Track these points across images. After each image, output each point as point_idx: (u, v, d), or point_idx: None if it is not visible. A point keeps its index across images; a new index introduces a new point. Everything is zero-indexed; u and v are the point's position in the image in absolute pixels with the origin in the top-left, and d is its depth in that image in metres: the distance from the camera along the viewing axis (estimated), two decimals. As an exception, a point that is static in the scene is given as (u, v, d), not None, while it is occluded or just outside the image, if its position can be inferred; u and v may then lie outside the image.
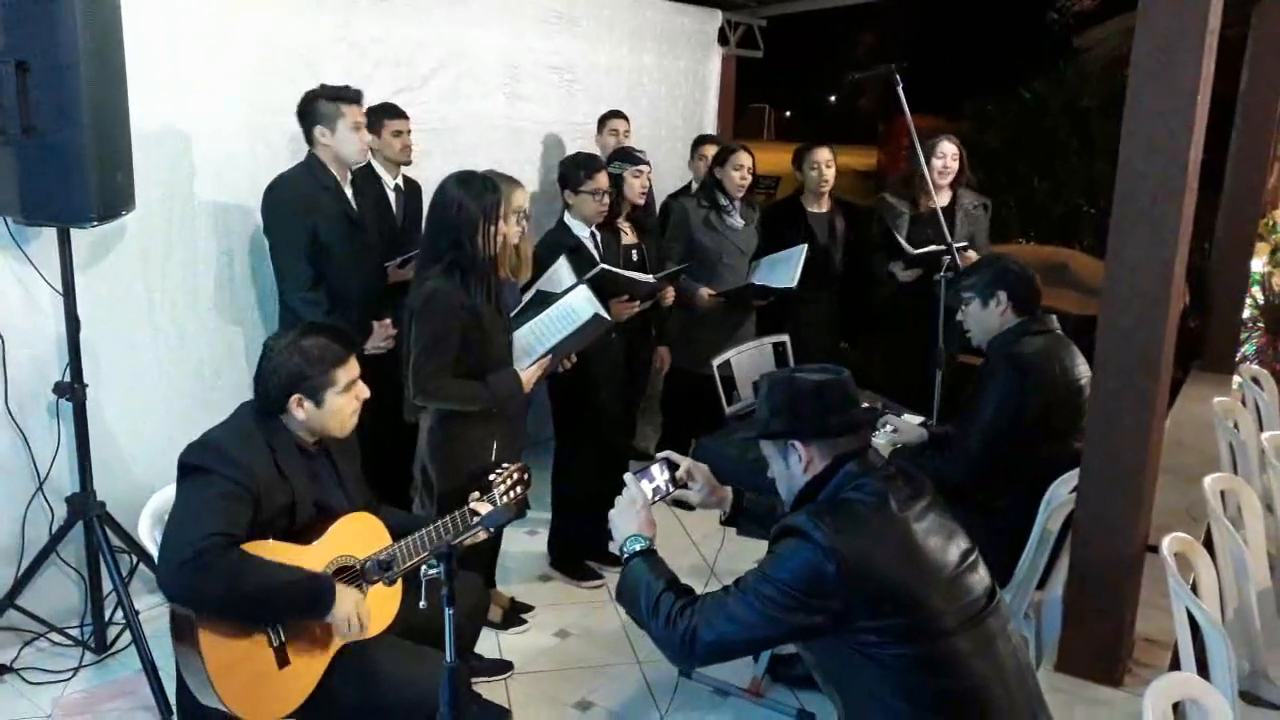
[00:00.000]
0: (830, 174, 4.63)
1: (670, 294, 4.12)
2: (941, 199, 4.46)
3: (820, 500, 1.92)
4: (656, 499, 2.22)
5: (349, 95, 3.45)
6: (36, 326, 3.20)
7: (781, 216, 4.81)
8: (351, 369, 2.38)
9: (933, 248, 4.22)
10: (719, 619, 1.85)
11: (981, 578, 1.90)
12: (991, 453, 2.98)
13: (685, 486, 2.29)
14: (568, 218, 3.87)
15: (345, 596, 2.23)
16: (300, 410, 2.32)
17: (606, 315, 3.24)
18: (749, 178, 4.51)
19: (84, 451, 3.14)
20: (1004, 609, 1.91)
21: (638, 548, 2.06)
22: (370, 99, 3.82)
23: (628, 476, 2.18)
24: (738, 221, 4.54)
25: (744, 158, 4.48)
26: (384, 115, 3.88)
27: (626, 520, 2.12)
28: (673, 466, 2.28)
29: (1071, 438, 2.87)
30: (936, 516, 1.92)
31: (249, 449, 2.25)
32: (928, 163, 4.36)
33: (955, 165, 4.50)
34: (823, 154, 4.63)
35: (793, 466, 1.98)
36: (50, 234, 3.03)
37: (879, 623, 1.78)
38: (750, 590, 1.83)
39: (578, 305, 3.21)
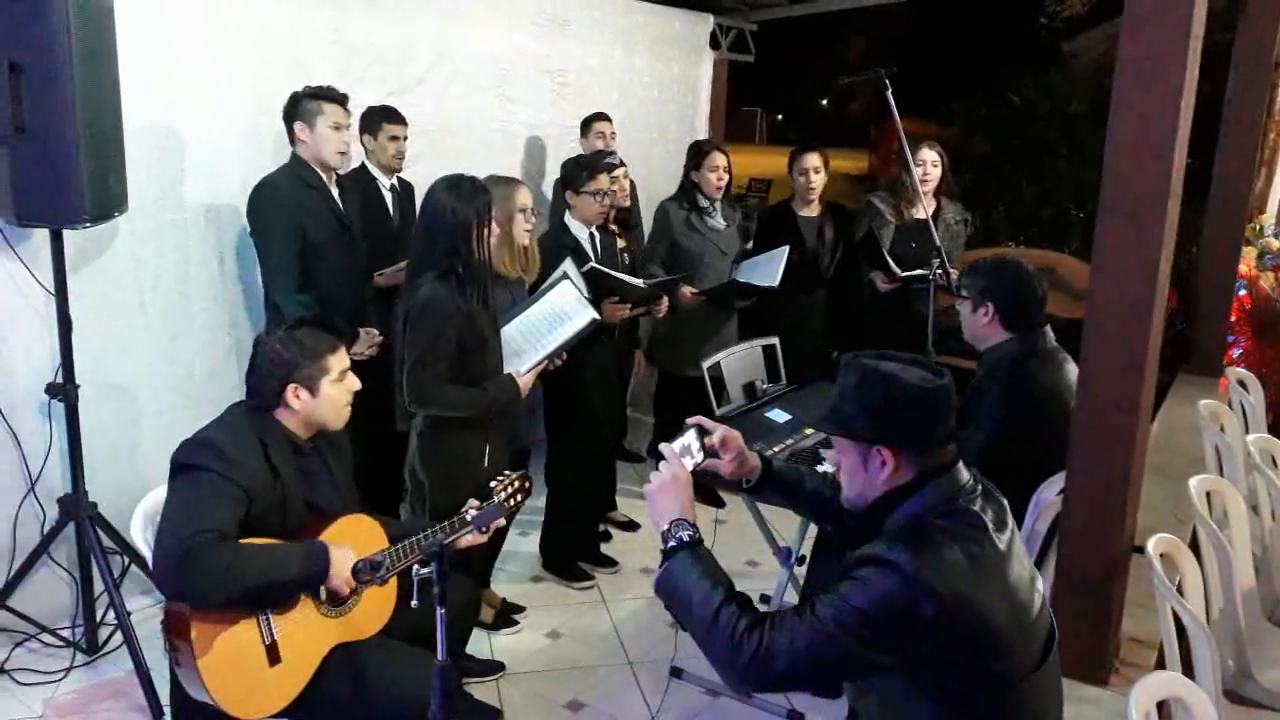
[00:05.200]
0: (819, 180, 4.63)
1: (664, 307, 4.10)
2: (924, 209, 4.46)
3: (909, 524, 1.69)
4: (691, 470, 1.96)
5: (332, 95, 3.46)
6: (28, 327, 3.20)
7: (773, 221, 4.82)
8: (343, 358, 2.43)
9: (918, 271, 4.21)
10: (797, 645, 1.60)
11: (1048, 611, 1.75)
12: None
13: (716, 456, 2.06)
14: (568, 218, 3.88)
15: (341, 558, 2.25)
16: (296, 400, 2.34)
17: (598, 315, 3.25)
18: (725, 177, 4.50)
19: (76, 452, 3.14)
20: (1056, 642, 1.78)
21: (685, 537, 1.77)
22: (362, 101, 3.84)
23: (664, 447, 1.94)
24: (719, 222, 4.55)
25: (718, 158, 4.47)
26: (383, 118, 3.87)
27: (668, 501, 1.83)
28: (703, 434, 2.04)
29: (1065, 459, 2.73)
30: (1019, 544, 1.73)
31: (241, 447, 2.27)
32: (909, 170, 4.37)
33: (936, 172, 4.49)
34: (811, 160, 4.62)
35: (872, 471, 1.74)
36: (42, 235, 3.03)
37: (961, 669, 1.62)
38: (831, 620, 1.59)
39: (569, 309, 3.22)
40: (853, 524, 1.85)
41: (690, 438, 2.01)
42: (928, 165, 4.48)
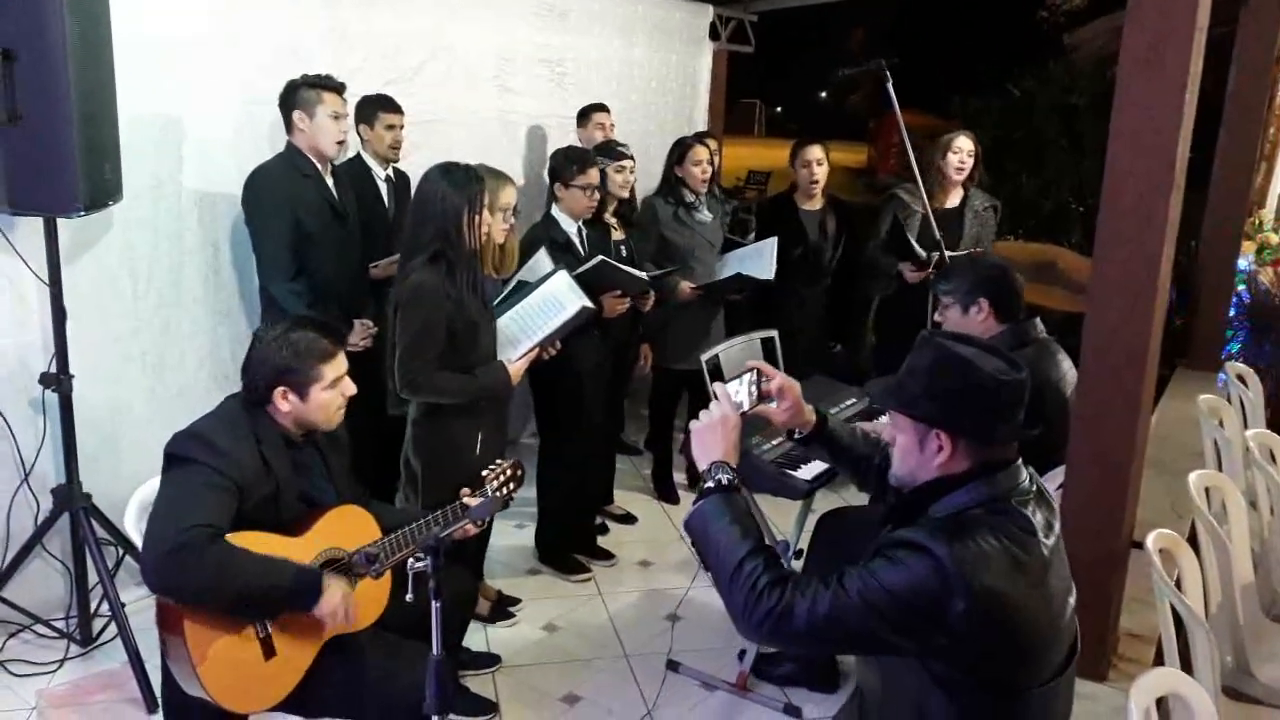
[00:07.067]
0: (821, 172, 4.62)
1: (650, 300, 4.04)
2: (953, 198, 4.41)
3: (955, 515, 1.63)
4: (739, 413, 1.93)
5: (331, 84, 3.44)
6: (21, 317, 3.18)
7: (774, 213, 4.81)
8: (338, 365, 2.37)
9: (951, 253, 4.16)
10: (817, 610, 1.58)
11: (1073, 621, 1.71)
12: None
13: (769, 401, 2.03)
14: (555, 211, 3.85)
15: (333, 589, 2.22)
16: (285, 403, 2.31)
17: (591, 305, 3.24)
18: (709, 170, 4.48)
19: (70, 443, 3.12)
20: (1077, 654, 1.74)
21: (724, 480, 1.75)
22: (359, 91, 3.81)
23: (717, 387, 1.91)
24: (706, 215, 4.52)
25: (700, 152, 4.43)
26: (379, 107, 3.84)
27: (713, 440, 1.80)
28: (761, 379, 1.99)
29: (1062, 451, 2.71)
30: (1062, 551, 1.70)
31: (234, 440, 2.25)
32: (943, 158, 4.32)
33: (971, 161, 4.39)
34: (814, 152, 4.61)
35: (928, 453, 1.68)
36: (36, 223, 3.01)
37: (979, 667, 1.59)
38: (856, 593, 1.56)
39: (562, 296, 3.21)
40: (894, 499, 1.82)
41: (746, 381, 1.96)
42: (964, 154, 4.37)
